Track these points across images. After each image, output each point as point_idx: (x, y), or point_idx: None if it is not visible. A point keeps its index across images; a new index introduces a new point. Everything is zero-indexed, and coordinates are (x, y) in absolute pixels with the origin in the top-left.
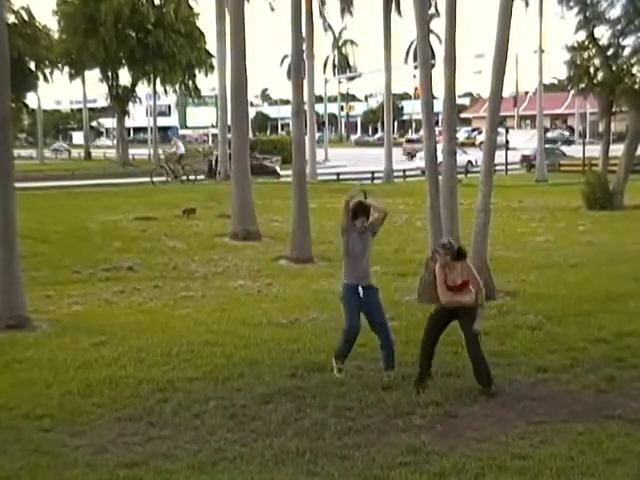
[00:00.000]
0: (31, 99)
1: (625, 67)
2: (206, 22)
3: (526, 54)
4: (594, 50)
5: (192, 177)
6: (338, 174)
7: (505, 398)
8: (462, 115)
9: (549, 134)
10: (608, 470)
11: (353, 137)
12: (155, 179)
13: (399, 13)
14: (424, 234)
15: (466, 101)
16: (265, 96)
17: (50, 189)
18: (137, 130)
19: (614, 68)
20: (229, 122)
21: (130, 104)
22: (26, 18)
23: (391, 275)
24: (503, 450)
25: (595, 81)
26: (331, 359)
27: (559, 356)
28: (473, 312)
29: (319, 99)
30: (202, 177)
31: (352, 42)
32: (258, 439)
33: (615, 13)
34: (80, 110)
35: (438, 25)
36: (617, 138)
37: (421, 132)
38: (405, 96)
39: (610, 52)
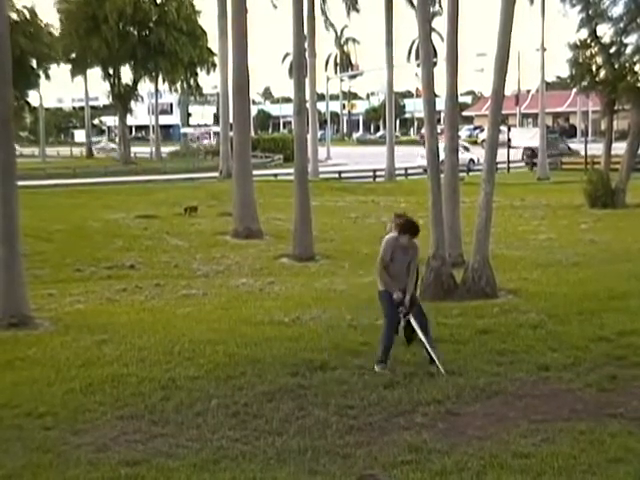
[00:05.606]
0: (33, 97)
1: (627, 65)
2: (208, 20)
3: (528, 52)
4: (596, 48)
5: None
6: (340, 172)
7: (507, 396)
8: (464, 113)
9: None
10: (610, 469)
11: (355, 135)
12: None
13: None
14: (426, 232)
15: (468, 99)
16: (267, 94)
17: (52, 187)
18: (139, 128)
19: (616, 66)
20: (231, 120)
21: (132, 102)
22: (28, 16)
23: None
24: (505, 448)
25: (597, 79)
26: (332, 357)
27: (561, 354)
28: None
29: (321, 97)
30: None
31: (354, 40)
32: (260, 437)
33: (617, 11)
34: (82, 108)
35: (441, 23)
36: (619, 136)
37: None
38: (407, 94)
39: (612, 50)
